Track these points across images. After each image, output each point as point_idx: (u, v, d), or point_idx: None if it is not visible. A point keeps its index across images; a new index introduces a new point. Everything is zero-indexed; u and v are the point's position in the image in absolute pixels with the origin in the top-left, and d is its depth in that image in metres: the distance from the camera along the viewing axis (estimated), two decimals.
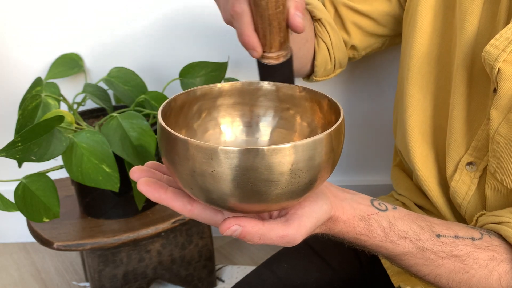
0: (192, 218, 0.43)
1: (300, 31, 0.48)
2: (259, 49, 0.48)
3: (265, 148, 0.36)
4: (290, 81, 0.51)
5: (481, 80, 0.57)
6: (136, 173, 0.43)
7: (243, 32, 0.47)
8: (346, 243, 0.49)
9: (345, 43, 0.75)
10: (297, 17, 0.47)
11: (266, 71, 0.51)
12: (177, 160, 0.38)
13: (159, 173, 0.45)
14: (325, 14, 0.72)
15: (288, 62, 0.51)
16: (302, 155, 0.37)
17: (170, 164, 0.39)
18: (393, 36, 0.77)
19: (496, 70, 0.51)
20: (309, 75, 0.78)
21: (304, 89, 0.49)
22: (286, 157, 0.36)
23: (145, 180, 0.42)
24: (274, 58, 0.49)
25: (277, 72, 0.50)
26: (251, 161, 0.36)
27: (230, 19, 0.50)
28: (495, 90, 0.53)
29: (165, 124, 0.40)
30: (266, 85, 0.50)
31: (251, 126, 0.52)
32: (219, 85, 0.49)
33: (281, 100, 0.50)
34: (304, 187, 0.39)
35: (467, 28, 0.57)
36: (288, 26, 0.48)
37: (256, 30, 0.48)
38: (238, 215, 0.41)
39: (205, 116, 0.50)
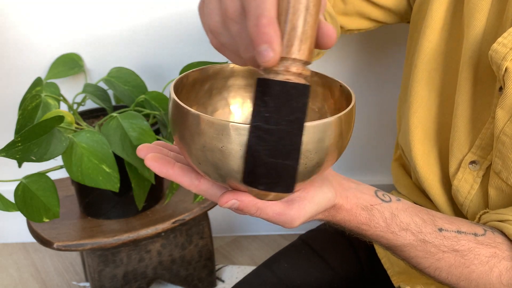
0: (199, 194, 0.42)
1: (331, 45, 0.34)
2: (277, 46, 0.31)
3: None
4: (301, 122, 0.34)
5: (487, 78, 0.56)
6: (143, 150, 0.43)
7: (263, 12, 0.30)
8: (347, 231, 0.50)
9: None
10: (328, 25, 0.33)
11: (276, 94, 0.32)
12: (188, 135, 0.38)
13: (166, 150, 0.45)
14: (327, 5, 0.71)
15: (308, 90, 0.33)
16: (312, 137, 0.36)
17: (180, 138, 0.39)
18: (387, 23, 0.77)
19: (504, 69, 0.50)
20: None
21: (316, 73, 0.47)
22: None
23: (153, 155, 0.41)
24: (295, 73, 0.32)
25: (293, 99, 0.32)
26: None
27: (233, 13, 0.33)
28: (500, 89, 0.52)
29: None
30: None
31: None
32: (231, 64, 0.48)
33: None
34: (311, 168, 0.38)
35: (474, 25, 0.56)
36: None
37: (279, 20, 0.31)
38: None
39: (215, 95, 0.49)
